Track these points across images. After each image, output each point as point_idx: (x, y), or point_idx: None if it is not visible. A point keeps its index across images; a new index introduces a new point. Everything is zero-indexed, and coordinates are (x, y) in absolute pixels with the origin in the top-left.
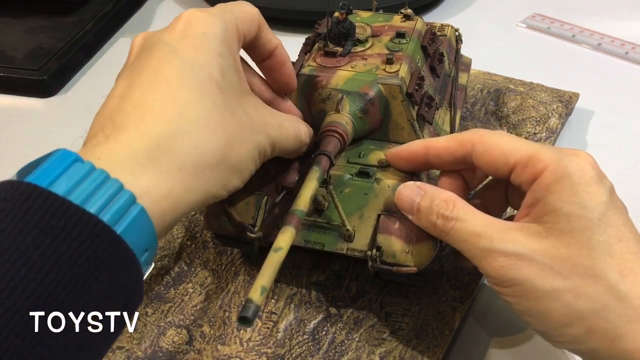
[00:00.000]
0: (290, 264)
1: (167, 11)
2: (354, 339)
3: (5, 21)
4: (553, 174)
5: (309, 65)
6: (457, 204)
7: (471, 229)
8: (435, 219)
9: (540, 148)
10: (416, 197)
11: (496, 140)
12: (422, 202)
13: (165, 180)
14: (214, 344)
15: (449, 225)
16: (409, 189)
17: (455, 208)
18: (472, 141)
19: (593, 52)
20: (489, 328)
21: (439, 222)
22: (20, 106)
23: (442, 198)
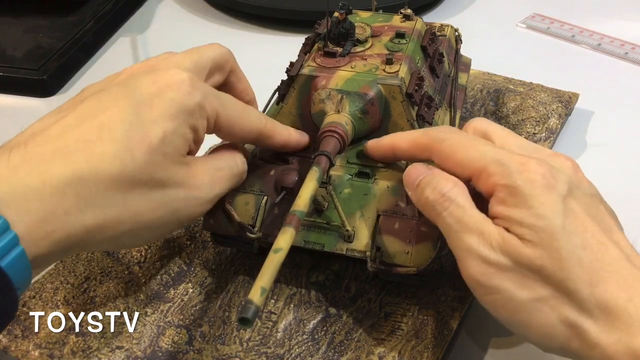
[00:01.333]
0: (289, 264)
1: (167, 11)
2: (354, 339)
3: (5, 21)
4: (504, 191)
5: (308, 65)
6: (458, 185)
7: (464, 218)
8: (430, 193)
9: (490, 162)
10: (423, 174)
11: (451, 150)
12: (425, 178)
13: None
14: (214, 344)
15: (444, 205)
16: (419, 167)
17: (454, 189)
18: (430, 148)
19: (593, 52)
20: (488, 328)
21: (433, 197)
22: (19, 106)
23: (444, 176)
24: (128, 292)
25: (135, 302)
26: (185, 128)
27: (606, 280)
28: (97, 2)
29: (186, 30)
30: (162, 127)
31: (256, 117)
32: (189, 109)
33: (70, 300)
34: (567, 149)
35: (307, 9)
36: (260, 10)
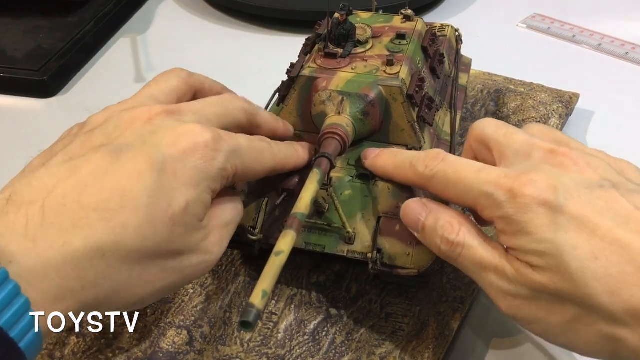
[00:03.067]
0: (290, 265)
1: (167, 11)
2: (354, 340)
3: (5, 21)
4: (500, 222)
5: (309, 66)
6: (464, 226)
7: (478, 259)
8: (439, 243)
9: (478, 196)
10: (421, 215)
11: (442, 187)
12: (426, 220)
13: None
14: (215, 345)
15: (456, 252)
16: (415, 205)
17: (461, 232)
18: (421, 186)
19: (593, 52)
20: (489, 328)
21: (444, 248)
22: (20, 107)
23: (447, 219)
24: None
25: None
26: (207, 194)
27: (628, 283)
28: (98, 2)
29: (186, 30)
30: (185, 197)
31: (270, 157)
32: (212, 175)
33: None
34: None
35: (307, 9)
36: (261, 11)
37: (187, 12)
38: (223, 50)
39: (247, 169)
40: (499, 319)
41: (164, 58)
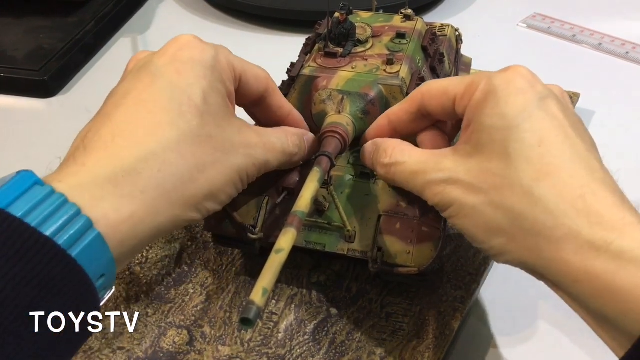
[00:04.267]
0: (290, 264)
1: (168, 11)
2: (355, 340)
3: (6, 21)
4: (481, 92)
5: (309, 66)
6: (396, 149)
7: (409, 169)
8: (380, 170)
9: (476, 75)
10: (370, 153)
11: (438, 82)
12: (373, 156)
13: (126, 204)
14: (215, 345)
15: (391, 171)
16: (367, 147)
17: (393, 153)
18: (420, 92)
19: (593, 52)
20: (489, 328)
21: (382, 171)
22: (20, 107)
23: (383, 147)
24: (129, 293)
25: (136, 302)
26: (217, 83)
27: (555, 175)
28: (98, 2)
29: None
30: (198, 87)
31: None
32: (209, 63)
33: None
34: None
35: (307, 9)
36: (261, 11)
37: (187, 11)
38: None
39: (247, 76)
40: (499, 318)
41: None
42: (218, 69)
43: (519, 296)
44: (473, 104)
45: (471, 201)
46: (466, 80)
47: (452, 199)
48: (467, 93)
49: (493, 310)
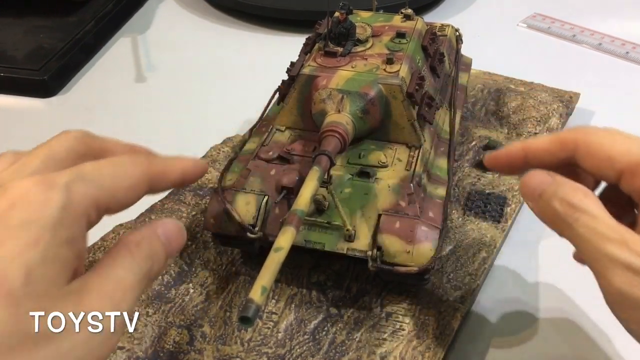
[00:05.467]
0: (290, 264)
1: (168, 11)
2: (355, 339)
3: (6, 21)
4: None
5: (309, 65)
6: (589, 195)
7: (600, 228)
8: (558, 205)
9: None
10: (544, 183)
11: (602, 140)
12: (548, 187)
13: None
14: (215, 344)
15: (574, 216)
16: (539, 174)
17: (585, 199)
18: (575, 141)
19: (593, 51)
20: (489, 328)
21: (562, 209)
22: (20, 106)
23: (571, 185)
24: None
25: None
26: (58, 247)
27: None
28: (98, 2)
29: (187, 30)
30: (21, 263)
31: (131, 163)
32: (52, 220)
33: None
34: None
35: (307, 9)
36: (261, 10)
37: (187, 11)
38: (223, 49)
39: (112, 191)
40: (499, 318)
41: (164, 58)
42: (67, 222)
43: (519, 296)
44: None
45: None
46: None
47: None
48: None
49: (493, 310)
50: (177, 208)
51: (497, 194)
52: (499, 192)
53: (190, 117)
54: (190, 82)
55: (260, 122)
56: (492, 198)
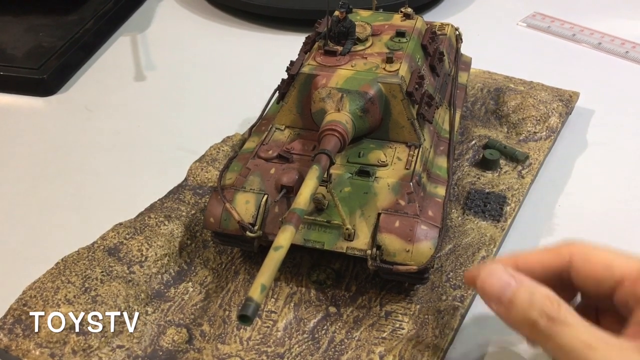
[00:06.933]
0: (290, 263)
1: (167, 10)
2: (354, 338)
3: (6, 20)
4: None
5: (309, 64)
6: (562, 305)
7: (582, 337)
8: (537, 317)
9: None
10: (509, 285)
11: (600, 251)
12: (518, 293)
13: None
14: (214, 343)
15: (554, 329)
16: (500, 273)
17: (561, 309)
18: (570, 252)
19: (593, 51)
20: (488, 328)
21: (542, 322)
22: (20, 105)
23: (544, 294)
24: (129, 292)
25: (135, 301)
26: None
27: None
28: (98, 1)
29: (186, 29)
30: None
31: None
32: None
33: (71, 299)
34: (568, 147)
35: (307, 8)
36: (261, 10)
37: (187, 10)
38: (223, 48)
39: None
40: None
41: (164, 56)
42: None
43: None
44: None
45: None
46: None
47: None
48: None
49: None
50: (176, 207)
51: (497, 193)
52: (498, 191)
53: (190, 116)
54: (190, 80)
55: (260, 121)
56: (491, 197)
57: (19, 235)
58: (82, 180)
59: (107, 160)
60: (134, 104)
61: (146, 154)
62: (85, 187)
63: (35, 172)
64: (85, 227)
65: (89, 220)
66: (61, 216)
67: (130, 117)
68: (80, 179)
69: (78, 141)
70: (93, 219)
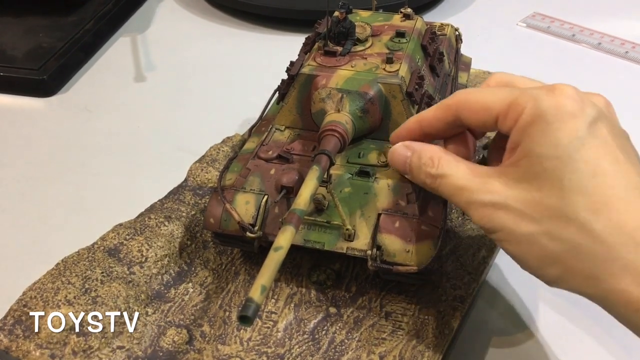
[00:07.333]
0: (290, 264)
1: (167, 10)
2: (354, 339)
3: (5, 21)
4: (528, 115)
5: (309, 64)
6: (442, 159)
7: (455, 182)
8: (424, 178)
9: (520, 93)
10: (407, 156)
11: (478, 95)
12: (411, 161)
13: None
14: (214, 344)
15: (436, 183)
16: (400, 149)
17: (440, 164)
18: (456, 103)
19: (593, 51)
20: (489, 328)
21: (428, 181)
22: (20, 106)
23: (428, 155)
24: (129, 292)
25: (135, 301)
26: None
27: (611, 207)
28: (98, 1)
29: (186, 29)
30: None
31: None
32: None
33: (72, 300)
34: None
35: (307, 8)
36: (261, 10)
37: (187, 11)
38: (223, 49)
39: None
40: (499, 318)
41: (163, 57)
42: None
43: (518, 296)
44: (520, 127)
45: (524, 230)
46: (509, 97)
47: (501, 225)
48: (511, 113)
49: (492, 310)
50: (176, 208)
51: None
52: None
53: (190, 117)
54: (190, 81)
55: (260, 122)
56: None
57: (19, 235)
58: (82, 181)
59: (107, 161)
60: (134, 105)
61: (146, 155)
62: (85, 187)
63: (35, 173)
64: (85, 228)
65: (89, 221)
66: (61, 217)
67: (130, 118)
68: (80, 179)
69: (78, 142)
70: (93, 220)
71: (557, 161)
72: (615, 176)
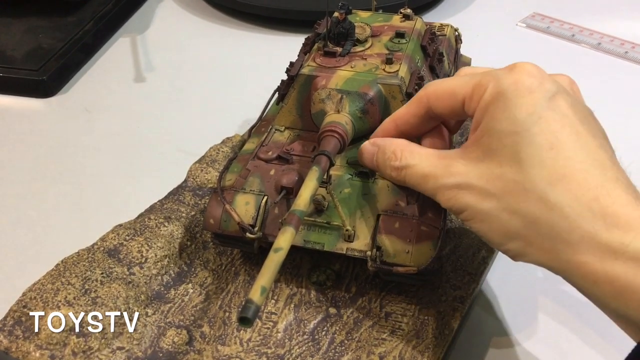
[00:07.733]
0: (290, 264)
1: (167, 11)
2: (354, 339)
3: (5, 21)
4: (489, 95)
5: (308, 65)
6: (405, 151)
7: (419, 171)
8: (390, 172)
9: (484, 75)
10: (373, 154)
11: (445, 83)
12: (377, 157)
13: None
14: (214, 344)
15: (402, 174)
16: (367, 147)
17: (403, 156)
18: (426, 94)
19: (592, 51)
20: (489, 328)
21: (394, 174)
22: (19, 106)
23: (391, 149)
24: (128, 293)
25: (135, 302)
26: None
27: (569, 178)
28: (97, 2)
29: (186, 30)
30: None
31: None
32: None
33: (71, 301)
34: None
35: (307, 9)
36: (260, 10)
37: (186, 11)
38: (222, 49)
39: None
40: (499, 318)
41: (163, 58)
42: None
43: (518, 296)
44: (482, 106)
45: (485, 206)
46: (473, 80)
47: (465, 204)
48: (475, 94)
49: (492, 310)
50: (176, 208)
51: None
52: None
53: (190, 117)
54: (190, 82)
55: (260, 122)
56: None
57: (18, 236)
58: (82, 182)
59: (107, 162)
60: (133, 105)
61: (146, 155)
62: (85, 188)
63: (35, 174)
64: (85, 229)
65: (89, 222)
66: (61, 217)
67: (130, 118)
68: (80, 180)
69: (78, 142)
70: (93, 220)
71: (515, 136)
72: (573, 148)
